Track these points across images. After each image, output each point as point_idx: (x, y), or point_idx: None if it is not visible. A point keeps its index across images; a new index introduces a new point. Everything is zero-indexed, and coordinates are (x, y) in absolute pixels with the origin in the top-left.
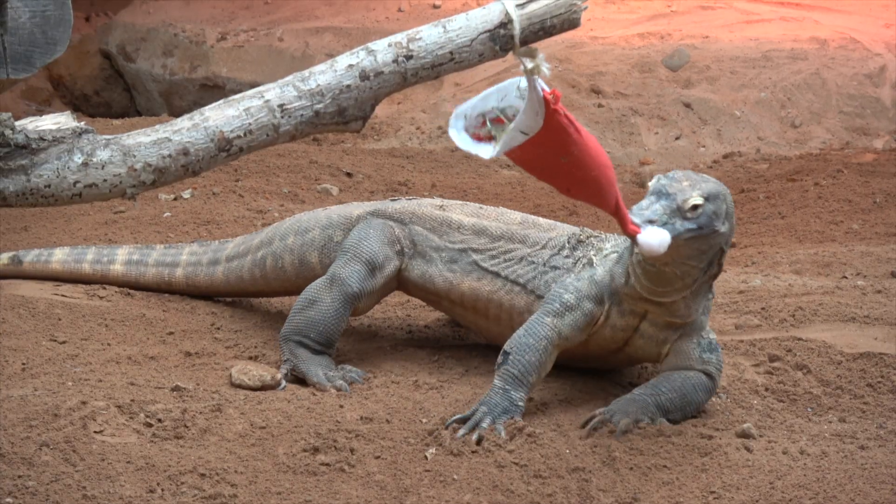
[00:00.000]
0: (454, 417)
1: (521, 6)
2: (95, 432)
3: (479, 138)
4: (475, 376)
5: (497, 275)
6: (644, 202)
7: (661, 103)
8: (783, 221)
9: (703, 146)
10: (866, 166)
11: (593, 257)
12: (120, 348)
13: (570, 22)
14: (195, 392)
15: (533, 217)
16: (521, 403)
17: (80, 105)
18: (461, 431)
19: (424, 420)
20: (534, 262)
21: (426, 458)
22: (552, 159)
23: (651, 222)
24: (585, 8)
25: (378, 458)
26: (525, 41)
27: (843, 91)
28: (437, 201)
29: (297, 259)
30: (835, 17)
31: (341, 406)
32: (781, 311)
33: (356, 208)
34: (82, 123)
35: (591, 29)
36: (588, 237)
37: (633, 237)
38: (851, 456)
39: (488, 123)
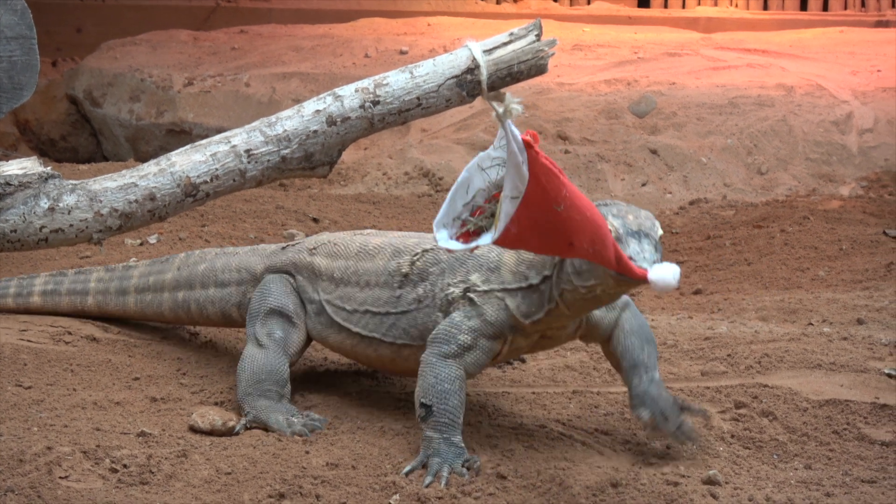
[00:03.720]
0: (406, 469)
1: (488, 52)
2: (61, 478)
3: (468, 236)
4: None
5: (349, 331)
6: (634, 247)
7: (627, 150)
8: (749, 268)
9: (670, 192)
10: (832, 213)
11: (473, 297)
12: (86, 394)
13: (537, 68)
14: (161, 438)
15: (364, 240)
16: (462, 445)
17: (46, 150)
18: (427, 479)
19: (390, 466)
20: (377, 314)
21: None
22: (547, 214)
23: (654, 262)
24: (552, 54)
25: None
26: (492, 87)
27: (810, 138)
28: (311, 242)
29: (219, 310)
30: (801, 64)
31: (307, 452)
32: (747, 357)
33: (258, 263)
34: (48, 168)
35: (557, 75)
36: (412, 263)
37: (646, 281)
38: (817, 503)
39: (469, 222)
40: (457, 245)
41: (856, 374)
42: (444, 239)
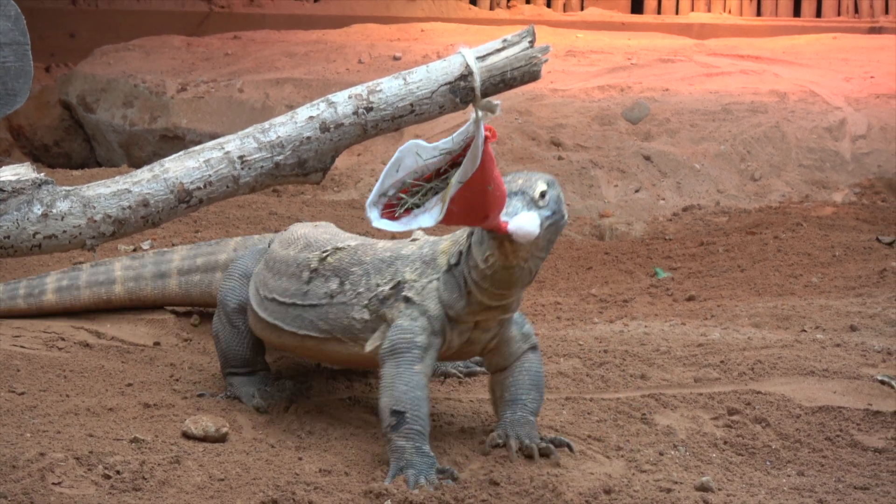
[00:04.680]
0: (385, 482)
1: (481, 58)
2: (54, 484)
3: (399, 217)
4: (433, 428)
5: (257, 314)
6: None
7: (620, 156)
8: (742, 274)
9: (663, 199)
10: (826, 220)
11: (410, 295)
12: (79, 400)
13: (530, 74)
14: (154, 444)
15: (294, 229)
16: (432, 454)
17: (39, 155)
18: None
19: (382, 473)
20: (283, 303)
21: None
22: (481, 193)
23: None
24: (546, 60)
25: None
26: (486, 93)
27: (803, 144)
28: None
29: None
30: (795, 70)
31: (300, 458)
32: (740, 364)
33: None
34: (42, 174)
35: (551, 81)
36: (320, 259)
37: (507, 232)
38: None
39: (401, 200)
40: (389, 225)
41: (849, 381)
42: (375, 219)
